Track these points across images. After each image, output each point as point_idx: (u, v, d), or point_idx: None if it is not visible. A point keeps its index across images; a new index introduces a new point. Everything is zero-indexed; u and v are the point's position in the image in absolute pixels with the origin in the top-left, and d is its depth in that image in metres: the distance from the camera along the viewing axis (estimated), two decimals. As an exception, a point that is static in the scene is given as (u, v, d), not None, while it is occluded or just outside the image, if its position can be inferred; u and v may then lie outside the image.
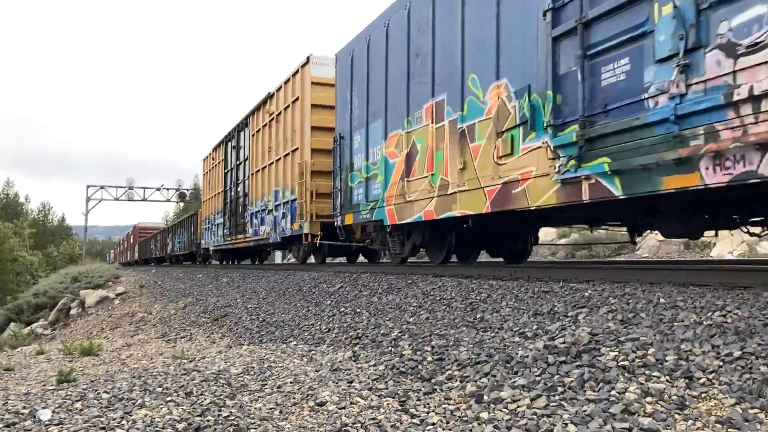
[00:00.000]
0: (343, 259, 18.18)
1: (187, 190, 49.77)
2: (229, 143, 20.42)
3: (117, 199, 46.38)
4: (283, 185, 14.30)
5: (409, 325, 5.82)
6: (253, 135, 17.08)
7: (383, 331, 5.85)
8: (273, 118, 15.14)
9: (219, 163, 22.12)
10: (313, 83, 13.00)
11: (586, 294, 5.14)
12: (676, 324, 3.90)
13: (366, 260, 15.68)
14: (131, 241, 56.91)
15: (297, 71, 13.69)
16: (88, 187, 46.53)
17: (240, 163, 18.91)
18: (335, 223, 11.20)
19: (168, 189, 46.82)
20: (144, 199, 46.92)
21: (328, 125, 12.32)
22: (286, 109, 14.28)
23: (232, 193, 19.81)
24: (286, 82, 14.42)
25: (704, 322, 3.80)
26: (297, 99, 13.49)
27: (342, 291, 8.64)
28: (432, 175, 8.07)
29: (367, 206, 9.94)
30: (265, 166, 15.72)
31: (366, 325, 6.34)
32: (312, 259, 15.77)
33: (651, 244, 17.66)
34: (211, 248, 23.99)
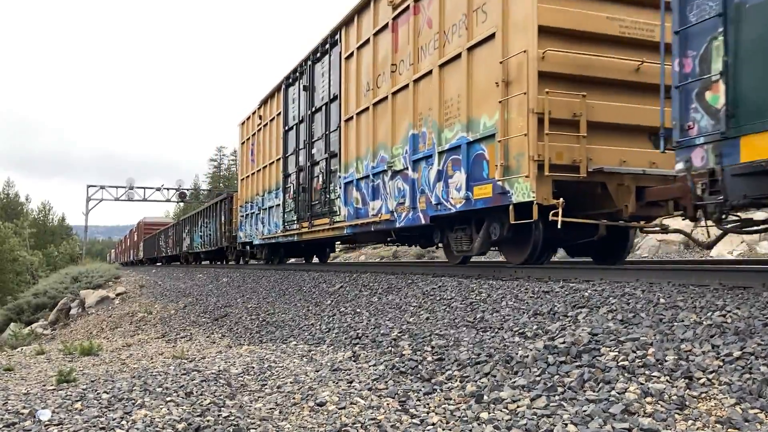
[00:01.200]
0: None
1: (187, 190, 49.82)
2: (292, 87, 14.10)
3: (117, 199, 46.42)
4: (438, 121, 8.18)
5: (409, 325, 5.82)
6: (347, 58, 11.06)
7: (383, 331, 5.85)
8: (405, 9, 9.01)
9: (272, 120, 15.58)
10: None
11: (586, 294, 5.14)
12: (676, 324, 3.90)
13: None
14: (135, 238, 52.82)
15: None
16: (88, 187, 46.57)
17: (316, 111, 12.65)
18: (715, 170, 4.60)
19: (168, 189, 46.88)
20: (144, 199, 46.97)
21: None
22: None
23: (301, 159, 13.55)
24: None
25: (704, 322, 3.80)
26: None
27: (342, 291, 8.64)
28: None
29: None
30: (381, 100, 9.74)
31: (366, 325, 6.34)
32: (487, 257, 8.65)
33: (651, 244, 17.62)
34: (255, 242, 17.30)
